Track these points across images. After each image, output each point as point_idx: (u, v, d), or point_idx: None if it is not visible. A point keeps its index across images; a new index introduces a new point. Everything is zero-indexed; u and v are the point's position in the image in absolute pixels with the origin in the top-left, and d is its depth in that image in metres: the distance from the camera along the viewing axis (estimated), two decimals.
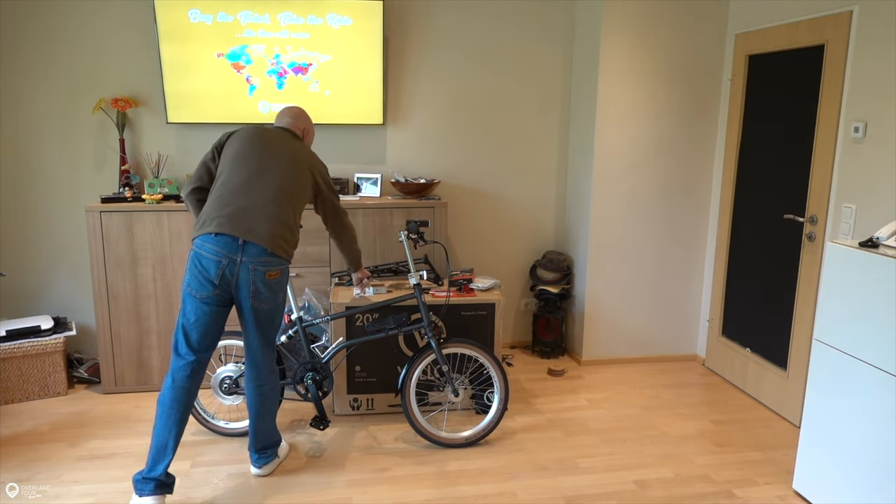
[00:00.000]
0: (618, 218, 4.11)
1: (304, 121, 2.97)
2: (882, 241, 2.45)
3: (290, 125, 2.91)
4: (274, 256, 2.62)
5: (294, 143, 2.82)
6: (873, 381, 2.39)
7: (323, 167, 2.89)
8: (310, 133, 3.01)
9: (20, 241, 3.91)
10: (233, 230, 2.54)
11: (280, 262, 2.65)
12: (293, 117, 2.93)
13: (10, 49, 3.71)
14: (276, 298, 2.70)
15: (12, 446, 3.12)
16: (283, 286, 2.72)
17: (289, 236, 2.68)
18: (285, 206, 2.67)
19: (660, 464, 3.05)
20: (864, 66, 2.98)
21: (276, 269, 2.65)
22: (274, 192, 2.65)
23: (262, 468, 2.88)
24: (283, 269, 2.69)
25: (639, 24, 3.88)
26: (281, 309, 2.76)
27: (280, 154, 2.73)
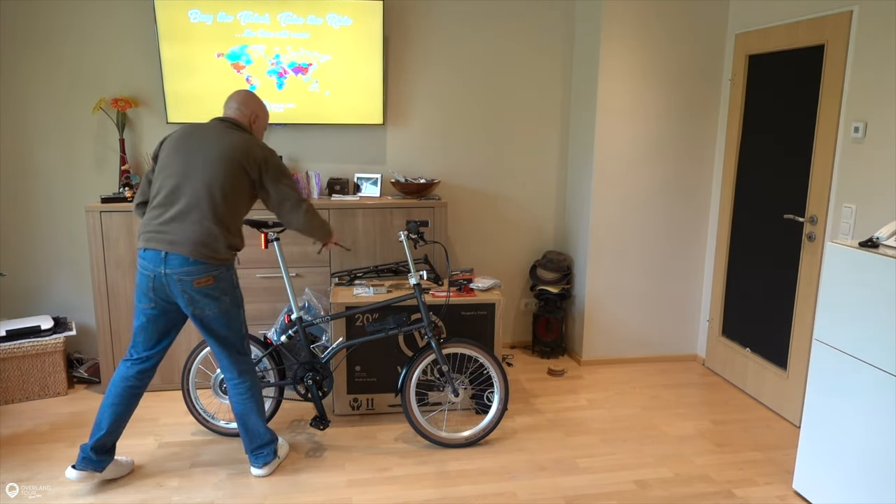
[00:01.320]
0: (618, 218, 4.11)
1: (252, 105, 2.82)
2: (882, 241, 2.45)
3: (235, 112, 2.78)
4: (198, 264, 2.58)
5: (227, 136, 2.68)
6: (873, 381, 2.39)
7: (264, 155, 2.70)
8: (261, 118, 2.86)
9: (20, 241, 3.91)
10: (157, 244, 2.59)
11: (208, 269, 2.60)
12: (240, 103, 2.79)
13: (10, 49, 3.71)
14: (218, 303, 2.67)
15: (12, 446, 3.13)
16: (225, 290, 2.67)
17: (218, 239, 2.60)
18: (215, 208, 2.60)
19: (660, 464, 3.05)
20: (864, 66, 2.98)
21: (205, 276, 2.60)
22: (199, 196, 2.59)
23: (261, 468, 2.88)
24: (217, 274, 2.63)
25: (639, 25, 3.88)
26: (232, 312, 2.72)
27: (207, 153, 2.63)
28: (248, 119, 2.80)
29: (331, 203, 3.77)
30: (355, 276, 3.70)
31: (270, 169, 2.71)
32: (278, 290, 3.75)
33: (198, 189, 2.60)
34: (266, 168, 2.70)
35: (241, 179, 2.66)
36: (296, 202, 2.77)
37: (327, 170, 4.15)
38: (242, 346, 2.81)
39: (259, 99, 2.86)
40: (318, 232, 2.92)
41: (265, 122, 2.90)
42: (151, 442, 3.17)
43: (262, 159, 2.70)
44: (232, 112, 2.79)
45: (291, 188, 2.77)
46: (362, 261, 3.84)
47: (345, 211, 3.77)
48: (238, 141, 2.67)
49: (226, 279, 2.69)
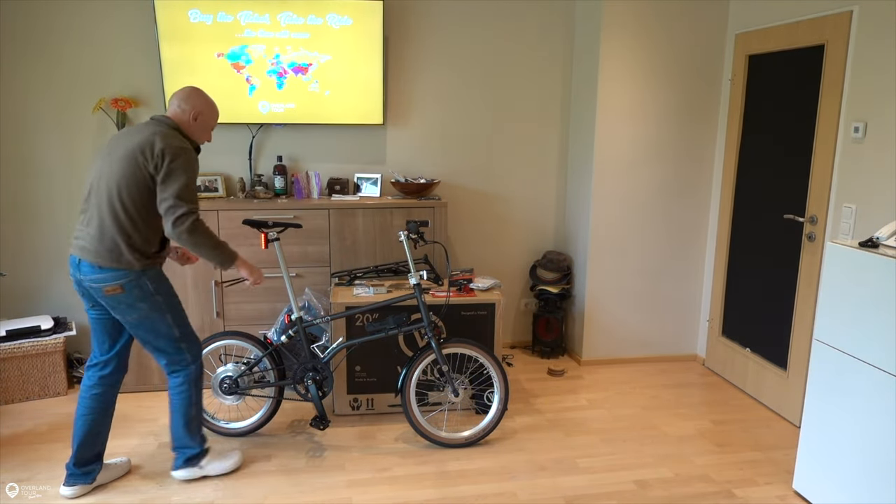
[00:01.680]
0: (618, 218, 4.11)
1: (195, 101, 2.65)
2: (882, 241, 2.45)
3: (174, 109, 2.64)
4: (104, 271, 2.49)
5: (140, 132, 2.52)
6: (873, 381, 2.39)
7: (162, 147, 2.46)
8: (206, 115, 2.68)
9: (20, 241, 3.91)
10: (73, 249, 2.56)
11: (115, 277, 2.50)
12: (181, 99, 2.64)
13: (10, 49, 3.71)
14: (135, 311, 2.57)
15: (12, 446, 3.12)
16: (140, 297, 2.55)
17: (119, 245, 2.49)
18: (115, 212, 2.48)
19: (660, 464, 3.05)
20: (864, 66, 2.98)
21: (112, 284, 2.50)
22: (102, 198, 2.49)
23: (176, 470, 2.84)
24: (125, 282, 2.51)
25: (639, 25, 3.88)
26: (154, 318, 2.61)
27: (115, 153, 2.51)
28: (187, 115, 2.64)
29: (331, 203, 3.77)
30: (355, 276, 3.70)
31: (164, 164, 2.46)
32: (278, 290, 3.75)
33: (102, 191, 2.50)
34: (161, 162, 2.46)
35: (142, 177, 2.48)
36: (174, 210, 2.47)
37: (327, 170, 4.15)
38: (175, 349, 2.68)
39: (205, 96, 2.70)
40: (210, 255, 2.60)
41: (211, 120, 2.72)
42: (151, 442, 3.17)
43: (159, 152, 2.46)
44: (171, 109, 2.65)
45: (177, 193, 2.47)
46: (362, 261, 3.84)
47: (345, 211, 3.77)
48: (146, 135, 2.50)
49: (138, 287, 2.53)
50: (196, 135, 2.69)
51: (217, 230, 3.64)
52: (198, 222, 2.53)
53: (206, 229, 2.56)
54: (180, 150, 2.51)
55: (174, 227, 2.48)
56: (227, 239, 3.65)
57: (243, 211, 3.67)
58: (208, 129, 2.73)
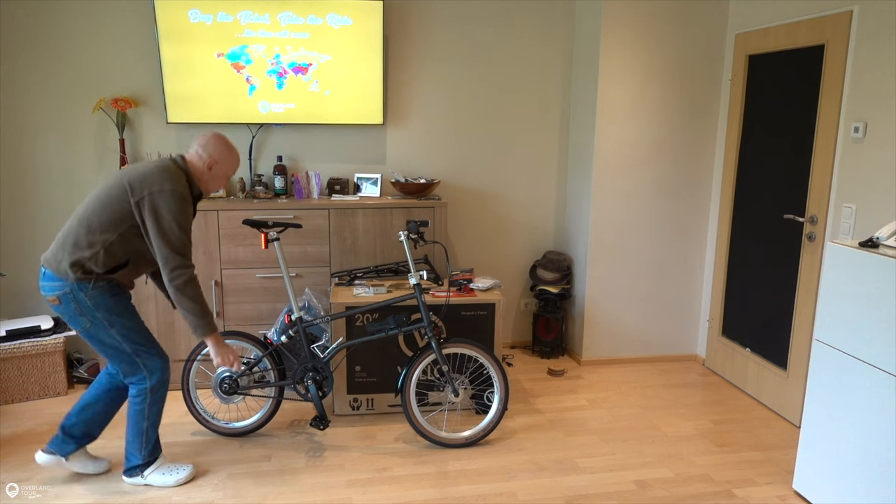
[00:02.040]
0: (618, 218, 4.11)
1: (213, 149, 2.64)
2: (882, 241, 2.45)
3: (191, 153, 2.65)
4: (45, 279, 2.51)
5: (143, 164, 2.55)
6: (873, 381, 2.39)
7: (157, 192, 2.45)
8: (222, 164, 2.67)
9: (20, 241, 3.91)
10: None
11: (52, 287, 2.50)
12: (200, 145, 2.65)
13: (10, 49, 3.71)
14: (76, 323, 2.54)
15: (12, 446, 3.12)
16: (79, 311, 2.51)
17: (63, 250, 2.48)
18: (84, 222, 2.48)
19: (660, 464, 3.05)
20: (864, 66, 2.98)
21: (51, 295, 2.50)
22: (82, 209, 2.52)
23: (124, 475, 2.80)
24: (60, 294, 2.49)
25: (639, 24, 3.88)
26: (98, 334, 2.57)
27: (116, 174, 2.55)
28: (203, 163, 2.64)
29: (331, 203, 3.77)
30: (355, 276, 3.70)
31: (148, 208, 2.45)
32: (278, 290, 3.75)
33: (82, 205, 2.55)
34: (143, 202, 2.45)
35: (119, 203, 2.48)
36: (169, 263, 2.48)
37: (327, 170, 4.15)
38: (129, 362, 2.63)
39: (225, 144, 2.69)
40: (188, 319, 2.58)
41: (229, 169, 2.71)
42: None
43: (148, 193, 2.45)
44: (190, 150, 2.67)
45: (173, 246, 2.47)
46: (362, 261, 3.84)
47: (345, 211, 3.77)
48: (145, 168, 2.52)
49: (74, 300, 2.50)
50: (207, 184, 2.69)
51: (217, 230, 3.64)
52: (190, 283, 2.53)
53: (195, 293, 2.56)
54: (169, 193, 2.47)
55: (169, 280, 2.51)
56: (226, 239, 3.66)
57: (243, 211, 3.67)
58: (223, 179, 2.72)
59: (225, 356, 2.72)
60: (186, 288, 2.53)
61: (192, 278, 2.54)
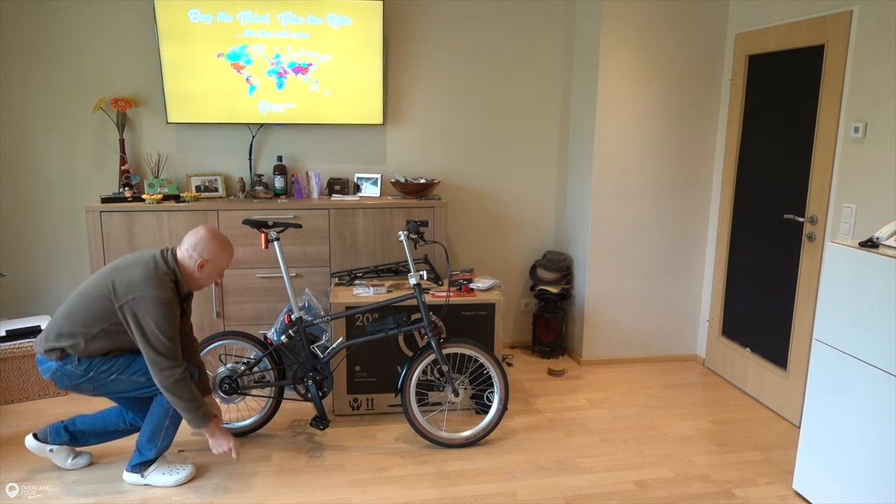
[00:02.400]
0: (618, 218, 4.11)
1: (204, 250, 2.62)
2: (882, 241, 2.45)
3: (182, 251, 2.63)
4: (40, 364, 2.62)
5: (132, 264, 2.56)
6: (873, 381, 2.39)
7: (140, 298, 2.49)
8: (214, 263, 2.65)
9: (20, 241, 3.91)
10: None
11: (45, 369, 2.60)
12: (190, 245, 2.63)
13: (9, 49, 3.71)
14: (85, 389, 2.64)
15: (12, 446, 3.12)
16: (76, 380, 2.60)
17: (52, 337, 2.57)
18: (67, 313, 2.57)
19: (660, 464, 3.05)
20: (864, 66, 2.98)
21: (48, 376, 2.61)
22: (67, 302, 2.62)
23: (126, 471, 2.81)
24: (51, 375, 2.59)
25: (639, 24, 3.88)
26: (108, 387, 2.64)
27: (106, 270, 2.60)
28: (193, 262, 2.63)
29: (331, 203, 3.77)
30: (355, 276, 3.70)
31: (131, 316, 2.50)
32: (278, 290, 3.75)
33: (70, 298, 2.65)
34: (132, 305, 2.50)
35: (104, 297, 2.54)
36: (156, 365, 2.53)
37: (327, 170, 4.15)
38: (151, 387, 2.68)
39: (218, 243, 2.66)
40: (184, 413, 2.62)
41: (220, 266, 2.70)
42: None
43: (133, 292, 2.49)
44: (181, 248, 2.65)
45: (157, 348, 2.51)
46: (362, 261, 3.84)
47: (345, 211, 3.77)
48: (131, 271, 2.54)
49: (65, 376, 2.60)
50: (199, 282, 2.69)
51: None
52: (178, 382, 2.56)
53: (185, 390, 2.58)
54: (152, 300, 2.49)
55: (158, 382, 2.57)
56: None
57: (243, 211, 3.67)
58: (216, 275, 2.72)
59: (217, 445, 2.74)
60: (175, 388, 2.57)
61: (181, 378, 2.57)
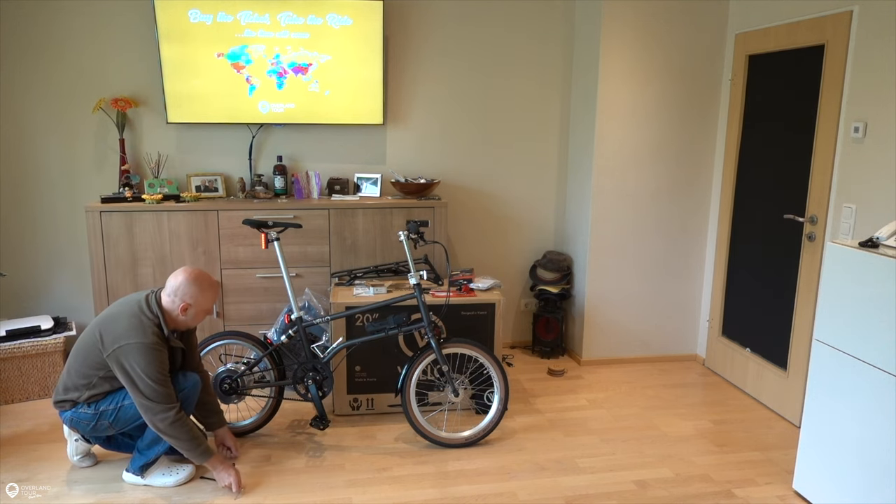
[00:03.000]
0: (618, 218, 4.11)
1: (184, 294, 2.64)
2: (882, 241, 2.45)
3: (165, 296, 2.67)
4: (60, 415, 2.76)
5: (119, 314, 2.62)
6: (873, 381, 2.39)
7: (124, 346, 2.54)
8: (196, 306, 2.67)
9: (20, 241, 3.91)
10: None
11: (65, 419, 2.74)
12: (172, 288, 2.65)
13: (9, 49, 3.71)
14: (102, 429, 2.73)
15: (12, 446, 3.12)
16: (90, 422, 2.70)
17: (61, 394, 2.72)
18: (67, 368, 2.71)
19: (660, 464, 3.05)
20: (864, 66, 2.98)
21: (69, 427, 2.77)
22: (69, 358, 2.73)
23: (126, 472, 2.82)
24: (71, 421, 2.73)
25: (639, 24, 3.88)
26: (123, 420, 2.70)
27: (97, 321, 2.69)
28: (176, 307, 2.66)
29: (331, 203, 3.77)
30: (355, 276, 3.70)
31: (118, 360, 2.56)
32: (278, 290, 3.75)
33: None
34: (117, 354, 2.56)
35: (94, 347, 2.63)
36: (150, 411, 2.57)
37: (327, 170, 4.15)
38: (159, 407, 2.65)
39: (200, 284, 2.66)
40: (184, 450, 2.65)
41: (205, 305, 2.70)
42: None
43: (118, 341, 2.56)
44: (164, 292, 2.69)
45: (147, 394, 2.55)
46: (362, 261, 3.84)
47: (345, 211, 3.77)
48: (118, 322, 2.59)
49: (79, 420, 2.72)
50: (184, 324, 2.72)
51: (217, 230, 3.65)
52: (174, 424, 2.58)
53: (182, 430, 2.61)
54: (136, 347, 2.54)
55: (153, 425, 2.61)
56: (226, 239, 3.66)
57: (243, 211, 3.68)
58: (202, 315, 2.74)
59: (223, 478, 2.75)
60: (171, 430, 2.60)
61: (175, 420, 2.59)
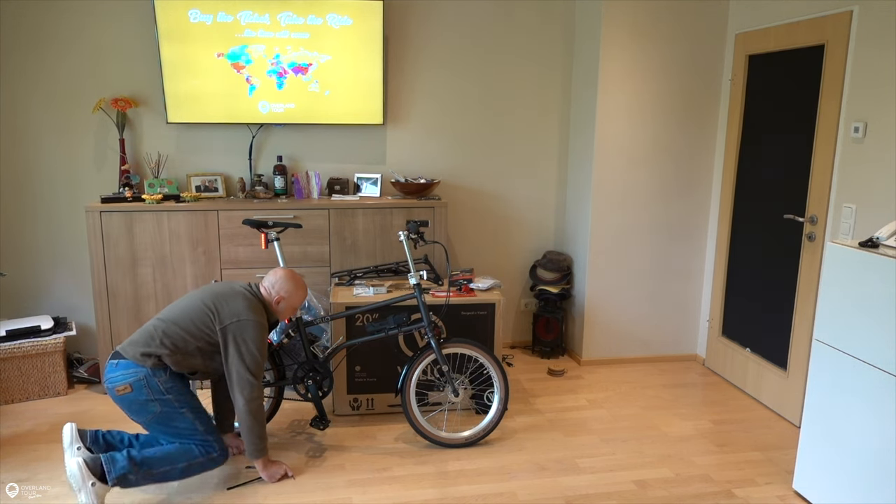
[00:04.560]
0: (618, 218, 4.11)
1: (281, 288, 2.88)
2: (882, 241, 2.45)
3: (264, 286, 2.88)
4: (118, 368, 2.60)
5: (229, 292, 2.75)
6: (873, 381, 2.39)
7: (244, 321, 2.69)
8: (288, 301, 2.88)
9: (20, 241, 3.91)
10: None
11: (125, 375, 2.58)
12: (270, 283, 2.89)
13: (10, 49, 3.71)
14: (149, 410, 2.61)
15: (12, 446, 3.12)
16: (152, 396, 2.59)
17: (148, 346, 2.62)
18: (164, 326, 2.66)
19: (660, 464, 3.05)
20: (864, 66, 2.98)
21: (125, 382, 2.58)
22: (162, 315, 2.73)
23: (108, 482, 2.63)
24: (133, 381, 2.58)
25: (639, 24, 3.88)
26: (170, 415, 2.63)
27: (202, 295, 2.76)
28: (272, 298, 2.87)
29: (331, 203, 3.77)
30: (355, 276, 3.70)
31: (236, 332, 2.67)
32: None
33: (171, 311, 2.75)
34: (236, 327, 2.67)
35: (203, 320, 2.69)
36: (244, 385, 2.68)
37: (327, 170, 4.15)
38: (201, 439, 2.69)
39: (294, 283, 2.90)
40: (248, 438, 2.74)
41: (295, 303, 2.92)
42: None
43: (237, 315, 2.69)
44: (263, 284, 2.90)
45: (249, 366, 2.68)
46: (362, 261, 3.84)
47: (345, 211, 3.77)
48: (231, 298, 2.73)
49: (148, 387, 2.60)
50: (277, 314, 2.91)
51: (217, 230, 3.65)
52: (261, 405, 2.74)
53: (262, 414, 2.75)
54: (254, 323, 2.70)
55: (246, 400, 2.69)
56: (226, 239, 3.66)
57: (243, 211, 3.68)
58: (290, 311, 2.93)
59: (273, 475, 2.85)
60: (257, 410, 2.72)
61: (261, 402, 2.74)
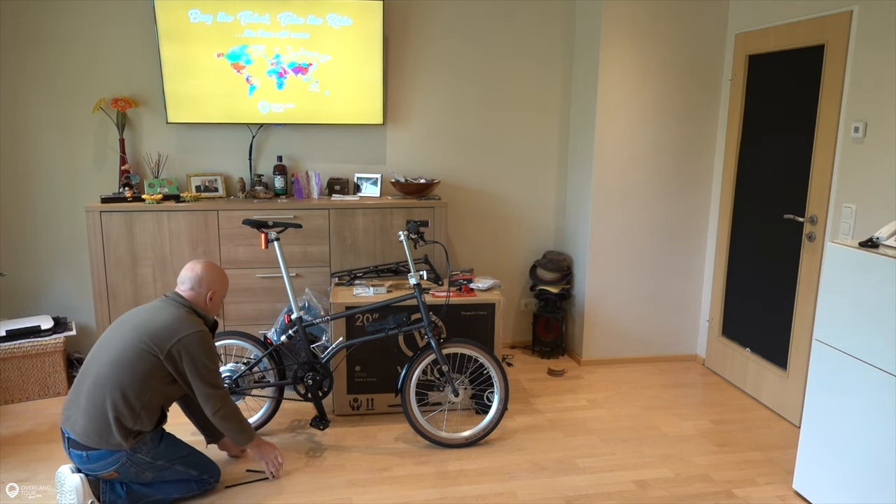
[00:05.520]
0: (618, 218, 4.11)
1: (208, 281, 2.68)
2: (882, 241, 2.45)
3: (187, 291, 2.67)
4: (93, 459, 2.45)
5: (155, 316, 2.54)
6: (873, 381, 2.39)
7: (186, 337, 2.51)
8: (220, 291, 2.74)
9: (20, 241, 3.91)
10: (63, 422, 2.51)
11: (106, 464, 2.46)
12: (194, 281, 2.67)
13: (9, 49, 3.71)
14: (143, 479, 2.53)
15: (12, 446, 3.12)
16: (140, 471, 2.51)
17: (113, 427, 2.43)
18: (116, 394, 2.43)
19: (660, 464, 3.05)
20: (864, 66, 2.98)
21: (107, 471, 2.46)
22: (104, 377, 2.45)
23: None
24: (118, 467, 2.47)
25: (639, 24, 3.88)
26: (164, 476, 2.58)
27: (125, 334, 2.52)
28: (203, 297, 2.69)
29: (331, 203, 3.77)
30: (355, 276, 3.70)
31: (185, 360, 2.52)
32: (278, 290, 3.75)
33: (104, 367, 2.48)
34: (180, 358, 2.52)
35: (143, 357, 2.48)
36: (212, 400, 2.61)
37: (327, 170, 4.15)
38: (197, 480, 2.69)
39: (215, 272, 2.73)
40: (233, 433, 2.71)
41: (224, 292, 2.79)
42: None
43: (176, 335, 2.50)
44: (183, 288, 2.68)
45: (212, 382, 2.59)
46: (362, 261, 3.84)
47: (345, 211, 3.77)
48: (161, 322, 2.53)
49: (133, 465, 2.51)
50: (211, 312, 2.77)
51: (217, 230, 3.65)
52: (229, 406, 2.67)
53: (234, 414, 2.70)
54: (197, 336, 2.55)
55: (213, 414, 2.64)
56: (226, 239, 3.66)
57: (243, 211, 3.68)
58: (220, 303, 2.80)
59: (268, 457, 2.84)
60: (231, 413, 2.68)
61: (230, 405, 2.69)
